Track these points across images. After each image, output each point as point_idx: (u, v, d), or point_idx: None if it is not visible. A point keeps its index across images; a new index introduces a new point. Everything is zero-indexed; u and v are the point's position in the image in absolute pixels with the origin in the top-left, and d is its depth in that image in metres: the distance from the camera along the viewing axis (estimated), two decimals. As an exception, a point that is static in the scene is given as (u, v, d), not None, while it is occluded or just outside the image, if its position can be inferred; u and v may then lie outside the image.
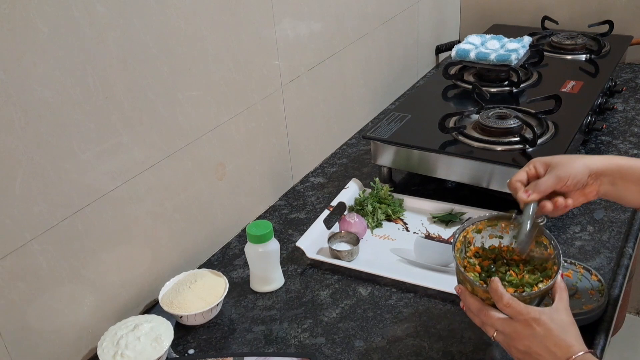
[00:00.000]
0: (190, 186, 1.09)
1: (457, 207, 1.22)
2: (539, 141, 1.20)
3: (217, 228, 1.18)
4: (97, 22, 0.86)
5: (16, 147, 0.79)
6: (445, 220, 1.21)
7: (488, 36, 1.60)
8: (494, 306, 0.80)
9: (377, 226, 1.21)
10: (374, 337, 0.96)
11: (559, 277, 0.81)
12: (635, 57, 1.88)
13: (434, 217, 1.22)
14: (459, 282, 0.86)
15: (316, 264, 1.13)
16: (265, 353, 0.94)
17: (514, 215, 0.88)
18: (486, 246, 0.90)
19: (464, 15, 2.12)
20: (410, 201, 1.26)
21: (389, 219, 1.23)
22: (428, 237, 1.17)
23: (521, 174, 0.87)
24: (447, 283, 1.04)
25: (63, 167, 0.86)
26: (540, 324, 0.75)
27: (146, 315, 0.97)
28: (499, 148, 1.20)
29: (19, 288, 0.83)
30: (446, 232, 1.18)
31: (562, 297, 0.79)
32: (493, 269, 0.87)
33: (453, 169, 1.23)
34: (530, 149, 1.18)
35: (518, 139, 1.21)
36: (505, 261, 0.88)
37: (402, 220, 1.23)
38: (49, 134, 0.82)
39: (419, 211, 1.25)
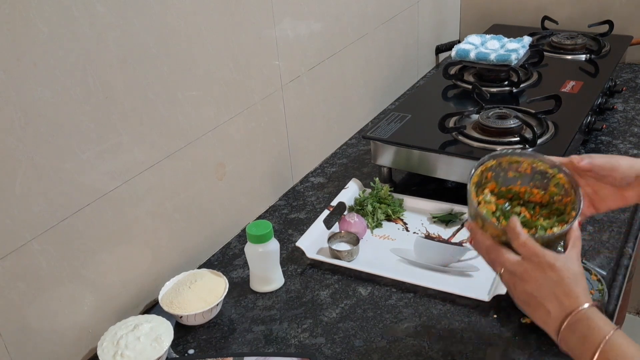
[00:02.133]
0: (190, 186, 1.09)
1: (457, 207, 1.22)
2: (539, 141, 1.20)
3: (217, 228, 1.18)
4: (97, 22, 0.86)
5: (16, 147, 0.79)
6: (445, 220, 1.21)
7: (488, 36, 1.60)
8: (505, 245, 0.78)
9: (377, 226, 1.21)
10: (374, 337, 0.96)
11: (575, 223, 0.78)
12: (635, 57, 1.88)
13: (434, 217, 1.22)
14: (471, 217, 0.82)
15: (316, 264, 1.13)
16: (265, 353, 0.94)
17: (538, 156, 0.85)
18: (504, 184, 0.87)
19: (464, 15, 2.12)
20: (410, 201, 1.26)
21: (389, 219, 1.23)
22: (428, 237, 1.17)
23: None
24: (447, 283, 1.04)
25: (63, 167, 0.86)
26: (555, 270, 0.73)
27: (146, 315, 0.97)
28: (499, 148, 1.20)
29: (19, 288, 0.83)
30: (446, 232, 1.18)
31: (575, 245, 0.76)
32: (507, 207, 0.85)
33: (453, 169, 1.23)
34: (530, 149, 1.18)
35: (518, 139, 1.21)
36: (521, 202, 0.86)
37: (402, 220, 1.23)
38: (49, 134, 0.82)
39: (419, 211, 1.25)
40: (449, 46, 2.00)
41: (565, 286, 0.72)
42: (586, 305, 0.71)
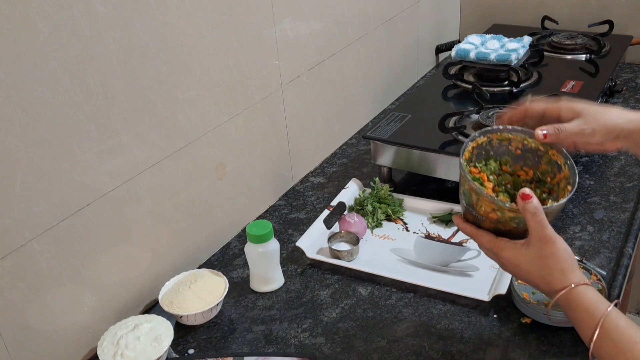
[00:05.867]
0: (190, 186, 1.09)
1: (457, 207, 1.22)
2: (539, 141, 1.20)
3: (217, 228, 1.18)
4: (97, 22, 0.86)
5: (16, 147, 0.79)
6: (445, 220, 1.21)
7: (488, 36, 1.60)
8: (498, 225, 0.80)
9: (377, 226, 1.21)
10: (374, 337, 0.96)
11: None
12: (635, 57, 1.88)
13: (434, 217, 1.22)
14: (464, 196, 0.82)
15: (316, 264, 1.13)
16: (265, 353, 0.94)
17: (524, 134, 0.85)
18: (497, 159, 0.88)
19: (464, 15, 2.12)
20: (410, 201, 1.26)
21: (389, 218, 1.23)
22: (428, 237, 1.17)
23: (539, 105, 0.84)
24: (447, 283, 1.04)
25: (63, 167, 0.86)
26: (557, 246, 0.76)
27: (146, 315, 0.97)
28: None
29: (19, 288, 0.83)
30: (446, 232, 1.18)
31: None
32: (503, 184, 0.85)
33: (453, 169, 1.23)
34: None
35: (518, 138, 1.21)
36: (517, 178, 0.87)
37: (402, 220, 1.23)
38: (49, 133, 0.82)
39: (419, 211, 1.25)
40: (449, 46, 2.00)
41: (563, 263, 0.77)
42: (582, 283, 0.76)
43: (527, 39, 1.56)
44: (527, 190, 0.76)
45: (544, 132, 0.82)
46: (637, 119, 0.83)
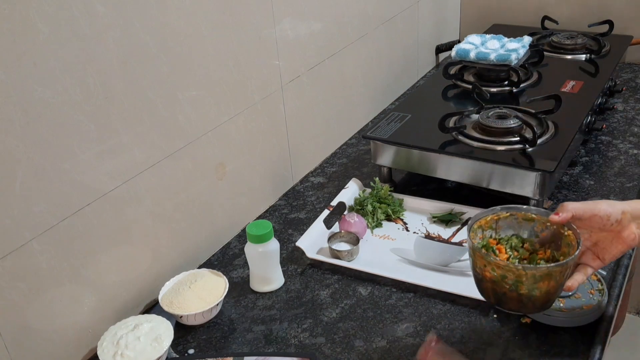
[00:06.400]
0: (190, 186, 1.09)
1: (457, 207, 1.22)
2: (539, 141, 1.20)
3: (217, 228, 1.18)
4: (97, 22, 0.86)
5: (16, 147, 0.79)
6: (445, 220, 1.21)
7: (488, 36, 1.60)
8: (495, 287, 0.81)
9: (377, 226, 1.21)
10: (374, 337, 0.96)
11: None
12: (635, 57, 1.88)
13: (434, 217, 1.22)
14: (476, 269, 0.84)
15: (316, 264, 1.13)
16: (265, 353, 0.94)
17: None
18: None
19: (464, 15, 2.12)
20: (410, 201, 1.26)
21: (389, 218, 1.23)
22: (428, 237, 1.17)
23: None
24: (447, 283, 1.04)
25: (63, 167, 0.86)
26: None
27: (146, 315, 0.97)
28: (499, 148, 1.20)
29: (19, 288, 0.83)
30: (446, 232, 1.18)
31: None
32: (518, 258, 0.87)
33: (453, 169, 1.23)
34: (530, 149, 1.18)
35: (518, 138, 1.21)
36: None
37: (402, 220, 1.23)
38: (49, 134, 0.82)
39: (419, 211, 1.25)
40: (449, 46, 2.00)
41: None
42: None
43: (527, 39, 1.56)
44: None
45: (557, 213, 0.85)
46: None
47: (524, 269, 0.78)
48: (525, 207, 0.90)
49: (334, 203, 1.24)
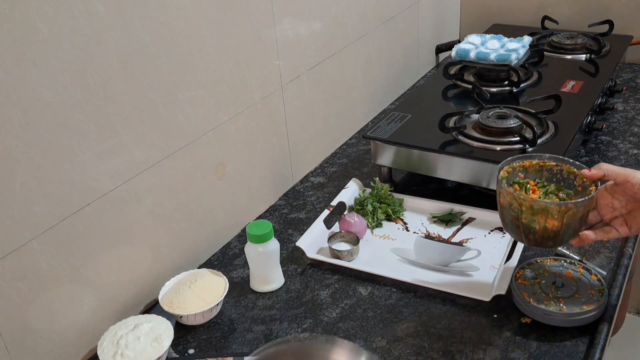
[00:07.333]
0: (190, 186, 1.09)
1: (457, 207, 1.22)
2: (539, 141, 1.20)
3: (217, 228, 1.18)
4: (97, 22, 0.86)
5: (16, 147, 0.79)
6: (445, 220, 1.21)
7: (488, 36, 1.60)
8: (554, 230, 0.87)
9: (377, 226, 1.21)
10: (374, 337, 0.96)
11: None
12: (635, 57, 1.88)
13: (434, 217, 1.22)
14: (505, 208, 0.91)
15: (316, 264, 1.13)
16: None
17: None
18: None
19: (464, 15, 2.12)
20: (410, 201, 1.26)
21: (389, 218, 1.23)
22: (428, 237, 1.17)
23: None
24: (447, 283, 1.04)
25: (63, 167, 0.86)
26: None
27: (146, 315, 0.97)
28: (499, 148, 1.20)
29: (19, 288, 0.83)
30: (446, 232, 1.18)
31: None
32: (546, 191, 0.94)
33: (453, 169, 1.23)
34: (530, 149, 1.18)
35: (518, 138, 1.21)
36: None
37: (402, 220, 1.23)
38: (49, 133, 0.82)
39: (419, 211, 1.25)
40: (449, 46, 2.00)
41: None
42: None
43: (527, 39, 1.56)
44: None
45: (590, 169, 0.91)
46: None
47: (523, 198, 0.87)
48: (571, 160, 0.95)
49: (334, 203, 1.24)
